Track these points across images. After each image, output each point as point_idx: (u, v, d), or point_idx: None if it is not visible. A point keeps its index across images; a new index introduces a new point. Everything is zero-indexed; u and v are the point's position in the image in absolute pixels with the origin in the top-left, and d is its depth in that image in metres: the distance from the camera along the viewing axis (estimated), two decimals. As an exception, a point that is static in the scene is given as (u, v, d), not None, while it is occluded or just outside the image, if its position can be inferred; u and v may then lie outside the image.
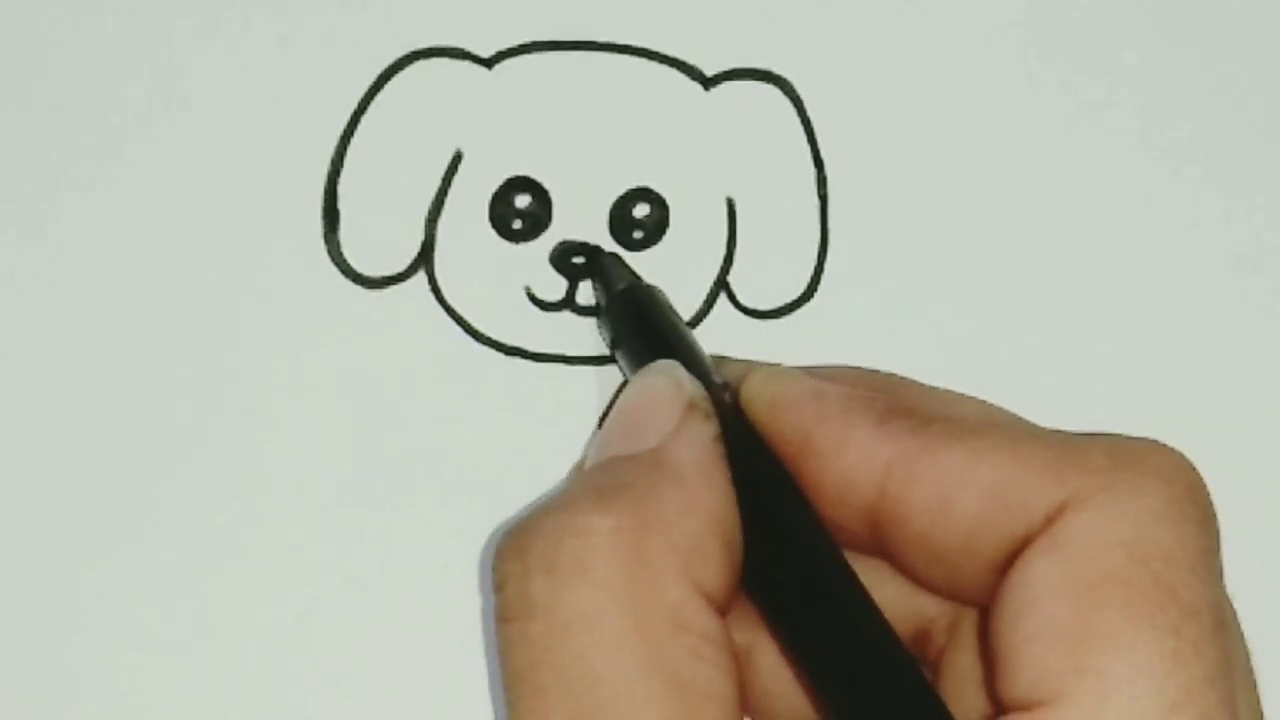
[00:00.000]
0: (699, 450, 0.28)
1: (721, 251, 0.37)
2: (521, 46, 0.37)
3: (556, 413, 0.35)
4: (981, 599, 0.27)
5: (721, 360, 0.33)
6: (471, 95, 0.37)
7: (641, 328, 0.34)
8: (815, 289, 0.37)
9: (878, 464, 0.28)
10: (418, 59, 0.37)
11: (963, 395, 0.30)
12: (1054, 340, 0.37)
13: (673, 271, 0.36)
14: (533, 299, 0.36)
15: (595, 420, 0.36)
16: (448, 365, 0.36)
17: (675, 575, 0.26)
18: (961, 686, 0.28)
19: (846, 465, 0.28)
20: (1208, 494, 0.26)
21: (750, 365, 0.31)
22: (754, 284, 0.37)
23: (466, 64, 0.37)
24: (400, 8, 0.37)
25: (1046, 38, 0.38)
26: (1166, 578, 0.25)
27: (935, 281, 0.37)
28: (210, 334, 0.36)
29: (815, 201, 0.37)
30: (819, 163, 0.37)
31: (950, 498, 0.27)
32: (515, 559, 0.27)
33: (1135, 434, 0.27)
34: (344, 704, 0.34)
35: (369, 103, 0.36)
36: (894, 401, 0.29)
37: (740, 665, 0.30)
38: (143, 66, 0.36)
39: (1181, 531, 0.25)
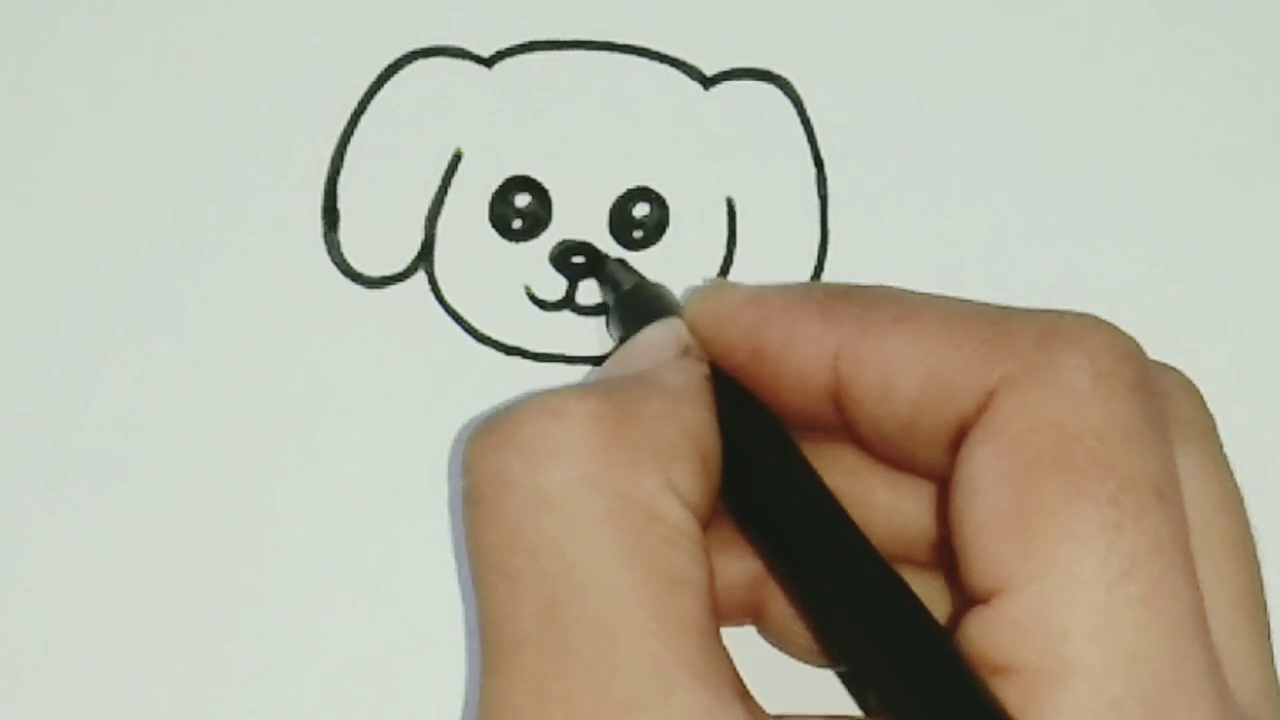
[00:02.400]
0: (686, 378, 0.28)
1: (721, 251, 0.37)
2: (521, 46, 0.37)
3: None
4: (943, 477, 0.27)
5: None
6: (471, 95, 0.37)
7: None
8: (815, 290, 0.37)
9: (826, 353, 0.28)
10: (418, 58, 0.37)
11: (908, 289, 0.29)
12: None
13: (673, 271, 0.36)
14: (533, 299, 0.36)
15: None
16: (448, 365, 0.36)
17: (650, 468, 0.26)
18: None
19: (798, 360, 0.28)
20: (1140, 365, 0.26)
21: None
22: (754, 284, 0.36)
23: (466, 63, 0.37)
24: (400, 7, 0.37)
25: (1046, 37, 0.38)
26: (1100, 452, 0.24)
27: (935, 282, 0.37)
28: (210, 333, 0.36)
29: (815, 201, 0.37)
30: (819, 163, 0.37)
31: (891, 381, 0.27)
32: (488, 437, 0.26)
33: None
34: (343, 704, 0.34)
35: (369, 102, 0.36)
36: (833, 289, 0.29)
37: (758, 591, 0.30)
38: (142, 66, 0.36)
39: (1111, 405, 0.25)
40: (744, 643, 0.31)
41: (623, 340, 0.34)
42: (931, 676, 0.25)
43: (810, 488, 0.28)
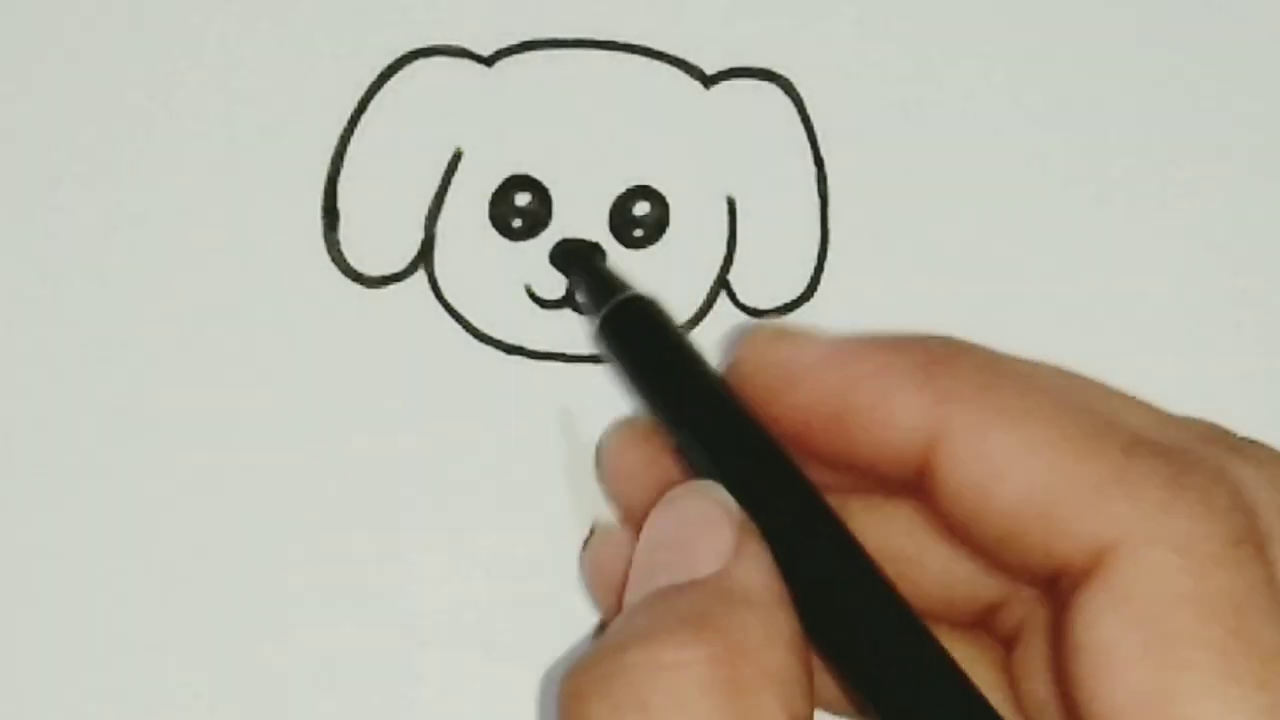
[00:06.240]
0: (764, 574, 0.26)
1: (722, 250, 0.37)
2: (521, 45, 0.37)
3: (557, 412, 0.35)
4: (1027, 582, 0.26)
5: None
6: (471, 94, 0.37)
7: (646, 350, 0.32)
8: (815, 289, 0.37)
9: (921, 433, 0.26)
10: (417, 57, 0.37)
11: (1013, 356, 0.27)
12: (1055, 341, 0.37)
13: (673, 270, 0.36)
14: (533, 297, 0.36)
15: (596, 419, 0.35)
16: (448, 364, 0.36)
17: (773, 706, 0.25)
18: (1032, 677, 0.27)
19: (889, 437, 0.26)
20: (1258, 520, 0.25)
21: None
22: (754, 283, 0.36)
23: (466, 62, 0.37)
24: (400, 6, 0.37)
25: (1046, 36, 0.38)
26: (1240, 626, 0.24)
27: (935, 281, 0.37)
28: (210, 333, 0.36)
29: (815, 201, 0.37)
30: (819, 162, 0.37)
31: (991, 495, 0.25)
32: (598, 701, 0.25)
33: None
34: (340, 704, 0.34)
35: (369, 101, 0.36)
36: (933, 349, 0.27)
37: None
38: (143, 66, 0.36)
39: (1244, 574, 0.24)
40: None
41: (610, 358, 0.33)
42: None
43: (879, 603, 0.26)
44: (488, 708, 0.34)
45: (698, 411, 0.29)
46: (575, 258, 0.36)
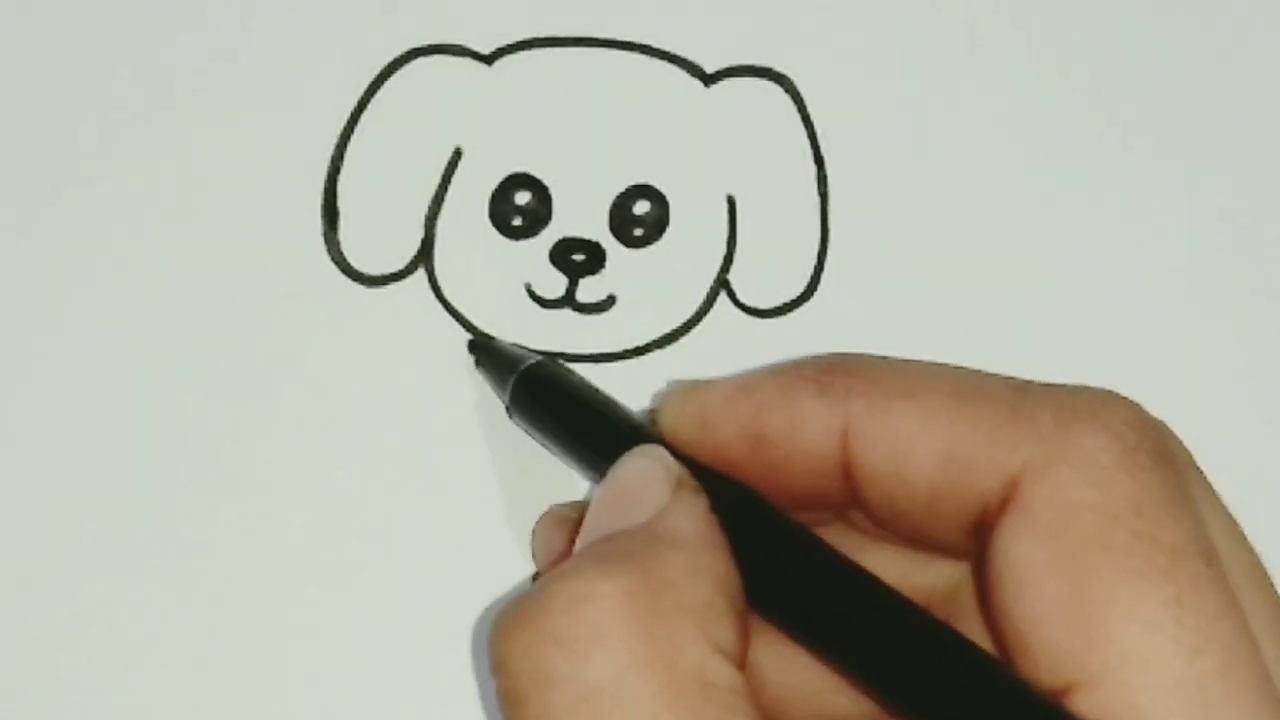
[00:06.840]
0: (696, 520, 0.27)
1: (722, 249, 0.37)
2: (521, 43, 0.37)
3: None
4: (959, 554, 0.28)
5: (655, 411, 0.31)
6: (471, 92, 0.37)
7: (559, 405, 0.33)
8: (815, 288, 0.37)
9: (834, 430, 0.27)
10: (417, 56, 0.37)
11: (902, 358, 0.29)
12: (1055, 339, 0.37)
13: (673, 270, 0.36)
14: (533, 296, 0.36)
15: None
16: (448, 363, 0.36)
17: (693, 635, 0.25)
18: None
19: (805, 442, 0.28)
20: (1160, 435, 0.26)
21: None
22: (754, 282, 0.36)
23: (466, 61, 0.37)
24: (400, 5, 0.37)
25: (1046, 35, 0.38)
26: (1142, 528, 0.24)
27: (935, 280, 0.37)
28: (210, 332, 0.36)
29: (815, 199, 0.37)
30: (819, 160, 0.37)
31: (904, 462, 0.27)
32: (519, 634, 0.25)
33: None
34: (339, 703, 0.34)
35: (369, 100, 0.36)
36: (823, 363, 0.28)
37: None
38: (143, 66, 0.36)
39: (1142, 479, 0.25)
40: None
41: (530, 426, 0.34)
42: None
43: (845, 572, 0.27)
44: (485, 706, 0.34)
45: (618, 450, 0.30)
46: (473, 348, 0.36)
